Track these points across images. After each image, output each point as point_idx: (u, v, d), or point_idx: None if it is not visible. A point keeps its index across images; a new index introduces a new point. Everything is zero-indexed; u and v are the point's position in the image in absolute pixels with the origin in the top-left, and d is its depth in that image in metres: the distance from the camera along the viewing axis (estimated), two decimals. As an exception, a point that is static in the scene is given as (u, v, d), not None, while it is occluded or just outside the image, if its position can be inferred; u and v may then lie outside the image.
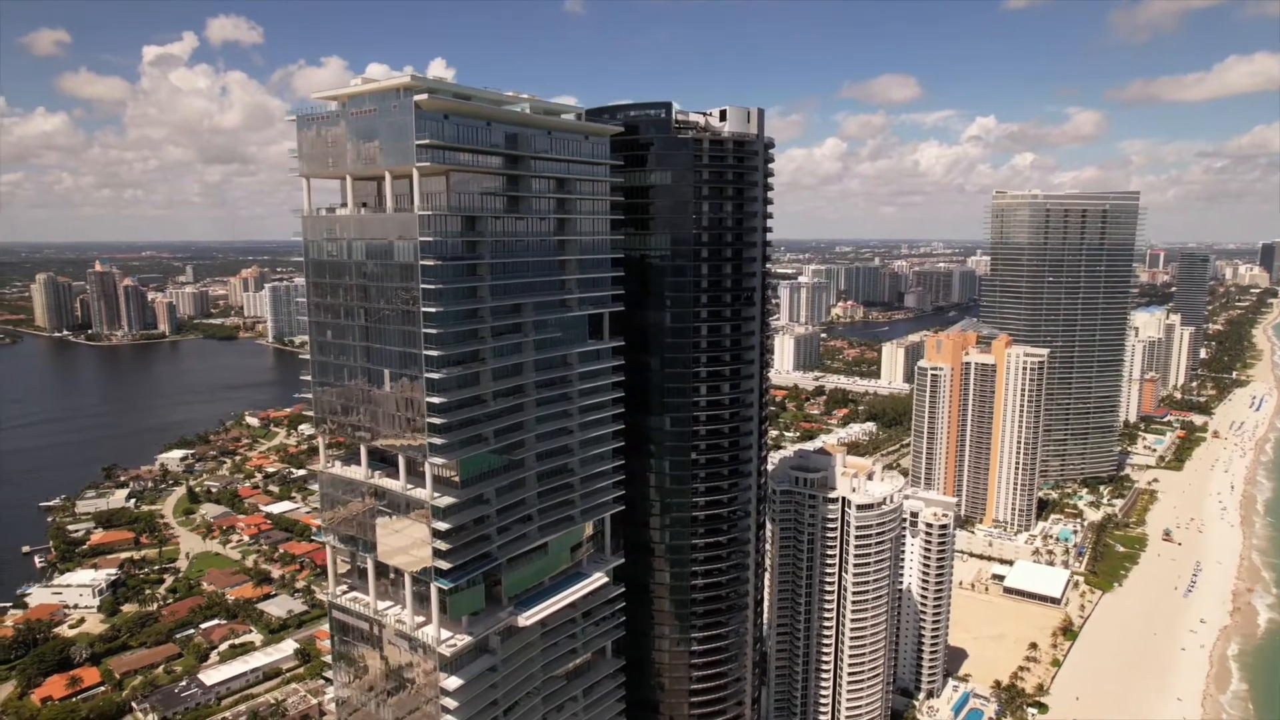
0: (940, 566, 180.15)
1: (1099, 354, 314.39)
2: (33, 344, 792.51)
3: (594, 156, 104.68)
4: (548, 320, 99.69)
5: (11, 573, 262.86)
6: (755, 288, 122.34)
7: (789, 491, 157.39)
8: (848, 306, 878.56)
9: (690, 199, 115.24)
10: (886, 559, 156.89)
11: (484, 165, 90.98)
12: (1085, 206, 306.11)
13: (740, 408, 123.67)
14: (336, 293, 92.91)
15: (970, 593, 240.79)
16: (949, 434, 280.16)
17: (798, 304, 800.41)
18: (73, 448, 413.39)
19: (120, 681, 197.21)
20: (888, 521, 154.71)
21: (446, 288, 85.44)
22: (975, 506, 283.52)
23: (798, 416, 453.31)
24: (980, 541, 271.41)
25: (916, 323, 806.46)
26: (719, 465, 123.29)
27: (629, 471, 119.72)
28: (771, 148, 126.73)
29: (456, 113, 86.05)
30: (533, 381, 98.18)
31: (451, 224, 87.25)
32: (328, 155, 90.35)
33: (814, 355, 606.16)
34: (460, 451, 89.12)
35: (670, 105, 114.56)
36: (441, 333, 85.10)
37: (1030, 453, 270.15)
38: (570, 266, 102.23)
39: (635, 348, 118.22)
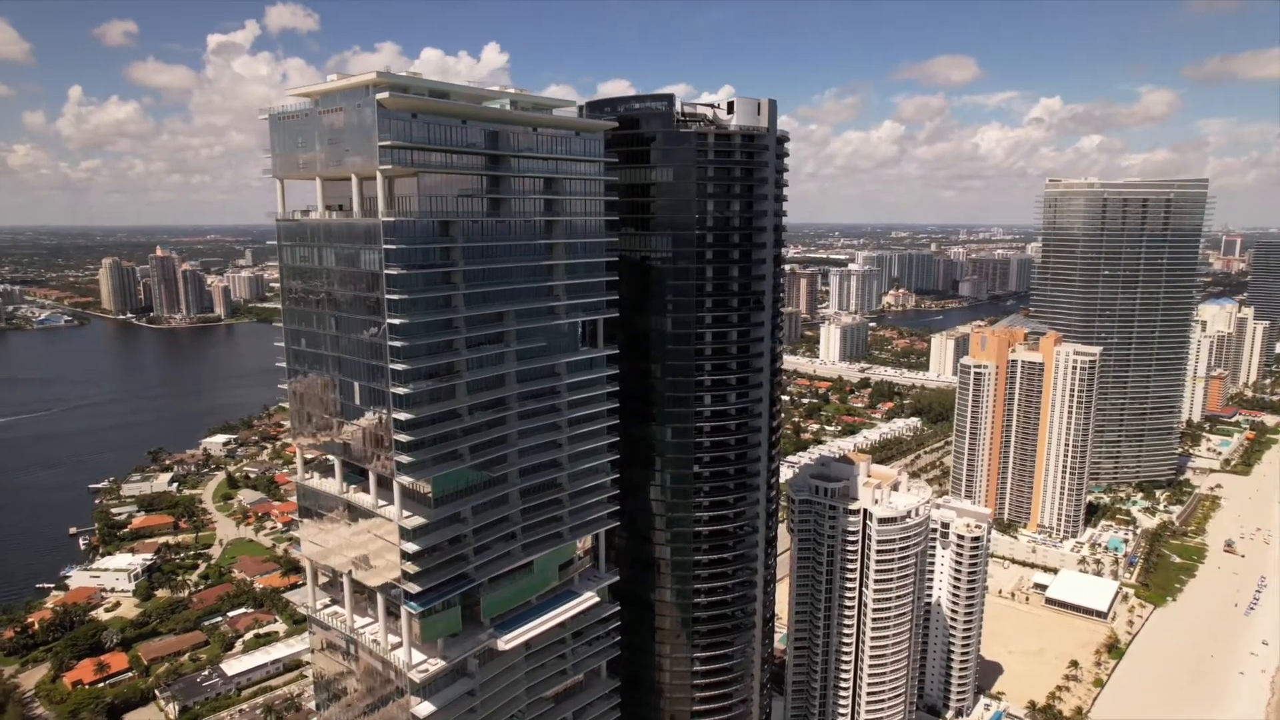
0: (972, 580, 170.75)
1: (1159, 350, 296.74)
2: (99, 326, 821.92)
3: (586, 154, 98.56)
4: (532, 329, 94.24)
5: (57, 554, 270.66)
6: (764, 291, 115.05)
7: (808, 501, 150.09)
8: (899, 295, 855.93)
9: (693, 197, 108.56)
10: (910, 574, 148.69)
11: (461, 165, 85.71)
12: (1146, 195, 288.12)
13: (748, 418, 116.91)
14: (309, 300, 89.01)
15: (1009, 603, 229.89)
16: (993, 434, 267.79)
17: (847, 292, 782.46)
18: (126, 430, 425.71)
19: (148, 668, 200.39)
20: (912, 535, 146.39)
21: (414, 298, 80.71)
22: (1019, 510, 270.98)
23: (840, 409, 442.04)
24: (1023, 547, 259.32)
25: (970, 312, 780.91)
26: (724, 478, 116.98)
27: (630, 483, 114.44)
28: (785, 141, 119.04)
29: (426, 111, 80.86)
30: (515, 394, 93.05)
31: (422, 230, 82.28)
32: (299, 156, 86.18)
33: (861, 345, 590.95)
34: (431, 470, 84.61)
35: (672, 97, 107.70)
36: (408, 345, 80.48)
37: (1079, 455, 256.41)
38: (558, 272, 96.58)
39: (636, 354, 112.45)
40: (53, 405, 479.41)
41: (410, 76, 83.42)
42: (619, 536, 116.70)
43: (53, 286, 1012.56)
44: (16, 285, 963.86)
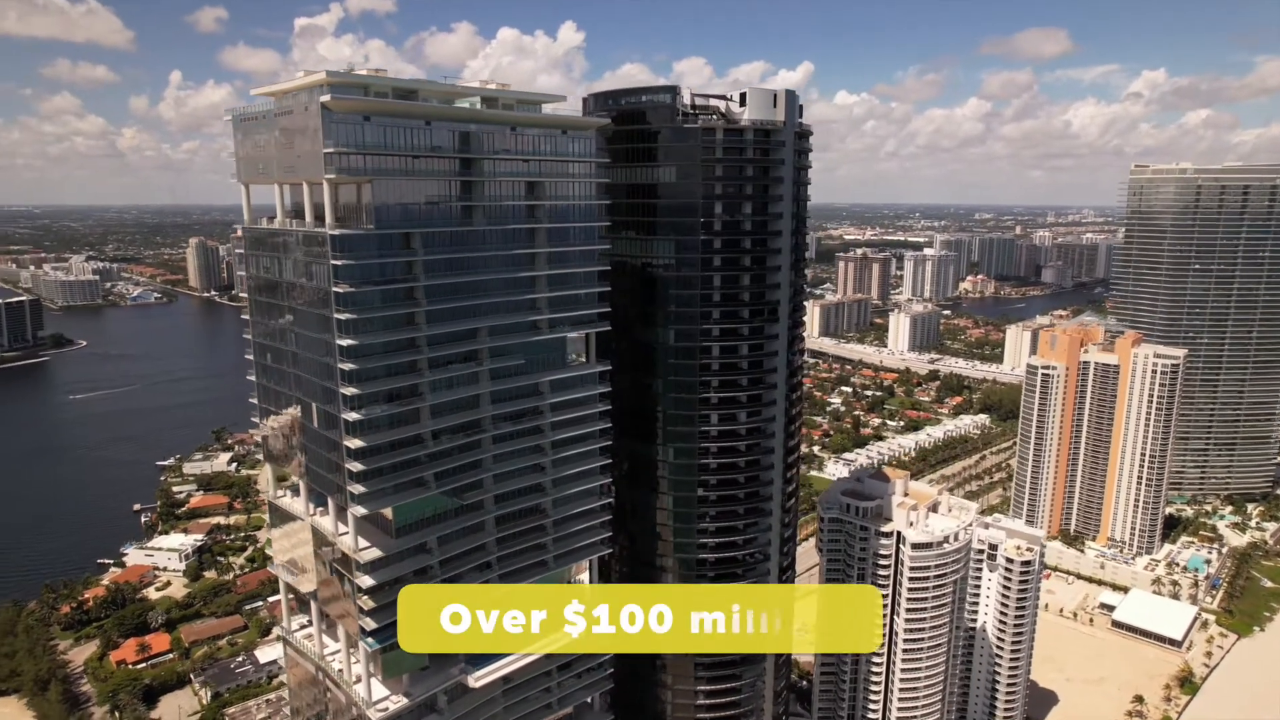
0: (1021, 606, 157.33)
1: (1256, 352, 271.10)
2: (185, 303, 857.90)
3: (576, 153, 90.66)
4: (510, 346, 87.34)
5: (121, 530, 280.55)
6: (779, 301, 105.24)
7: (838, 520, 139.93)
8: (978, 281, 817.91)
9: (698, 199, 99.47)
10: (947, 602, 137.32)
11: (425, 171, 79.02)
12: (1248, 181, 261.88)
13: (760, 438, 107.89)
14: (272, 313, 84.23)
15: (1070, 623, 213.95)
16: (1060, 439, 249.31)
17: (922, 278, 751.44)
18: (198, 407, 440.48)
19: (187, 650, 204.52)
20: (950, 562, 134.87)
21: (368, 316, 74.78)
22: (1088, 521, 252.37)
23: (905, 403, 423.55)
24: (1090, 562, 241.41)
25: (1053, 300, 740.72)
26: (733, 503, 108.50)
27: (633, 505, 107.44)
28: (808, 136, 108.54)
29: (381, 113, 74.27)
30: (490, 416, 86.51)
31: (381, 242, 76.11)
32: (259, 160, 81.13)
33: (932, 335, 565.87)
34: (391, 499, 79.09)
35: (676, 89, 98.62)
36: (360, 368, 74.73)
37: (1156, 466, 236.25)
38: (541, 283, 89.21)
39: (638, 368, 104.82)
40: (136, 381, 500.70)
41: (370, 75, 77.17)
42: (621, 561, 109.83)
43: (148, 264, 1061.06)
44: (117, 263, 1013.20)
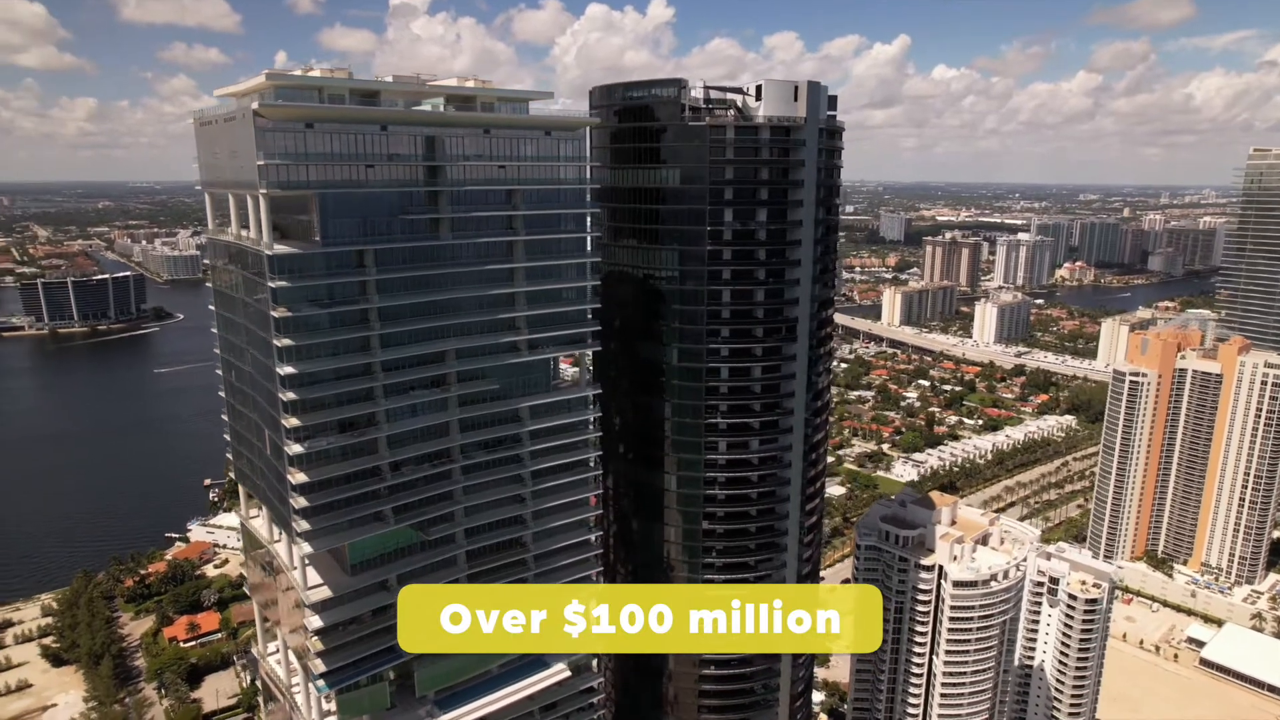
0: (1085, 649, 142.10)
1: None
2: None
3: (561, 156, 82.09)
4: (483, 369, 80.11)
5: (191, 505, 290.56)
6: (798, 318, 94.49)
7: (875, 549, 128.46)
8: (1076, 268, 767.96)
9: (705, 205, 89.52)
10: (993, 645, 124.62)
11: (384, 179, 72.04)
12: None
13: (776, 468, 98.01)
14: (231, 329, 79.50)
15: (1151, 658, 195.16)
16: (1150, 452, 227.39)
17: (1015, 263, 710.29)
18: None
19: (235, 630, 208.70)
20: (997, 602, 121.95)
21: (313, 342, 68.69)
22: (1179, 543, 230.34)
23: (985, 400, 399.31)
24: (1179, 589, 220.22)
25: (1160, 289, 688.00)
26: (743, 536, 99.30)
27: (638, 534, 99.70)
28: (839, 134, 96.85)
29: (326, 119, 67.41)
30: (459, 445, 79.63)
31: (331, 261, 69.80)
32: (213, 166, 75.95)
33: (1021, 326, 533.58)
34: (342, 535, 73.43)
35: (682, 82, 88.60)
36: (304, 398, 68.85)
37: (1262, 487, 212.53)
38: (520, 300, 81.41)
39: (640, 388, 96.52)
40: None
41: (323, 76, 70.42)
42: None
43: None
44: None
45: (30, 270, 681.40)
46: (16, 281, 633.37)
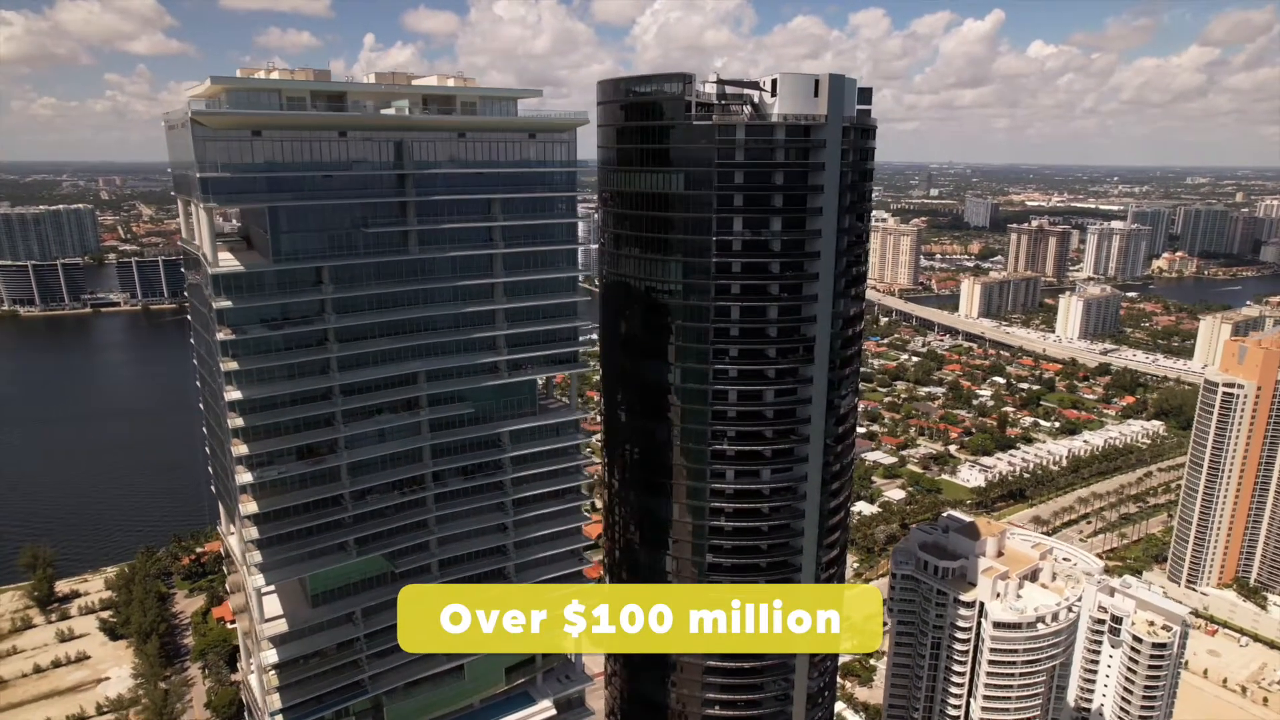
0: (1150, 698, 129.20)
1: None
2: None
3: (547, 161, 75.37)
4: (460, 391, 74.51)
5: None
6: (816, 336, 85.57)
7: (912, 579, 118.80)
8: (1177, 258, 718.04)
9: (711, 212, 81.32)
10: (1038, 691, 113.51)
11: (342, 190, 66.68)
12: None
13: (790, 500, 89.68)
14: (199, 343, 75.84)
15: (1237, 699, 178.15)
16: (1244, 471, 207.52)
17: (1106, 253, 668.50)
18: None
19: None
20: (1045, 645, 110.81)
21: (264, 366, 64.18)
22: (1275, 572, 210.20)
23: (1065, 400, 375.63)
24: (1273, 622, 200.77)
25: (1272, 283, 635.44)
26: (752, 572, 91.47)
27: (642, 564, 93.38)
28: (871, 132, 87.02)
29: (275, 126, 62.26)
30: (431, 473, 74.39)
31: (287, 279, 64.94)
32: (179, 172, 71.91)
33: (1109, 321, 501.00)
34: (300, 567, 69.29)
35: (689, 77, 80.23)
36: (254, 425, 64.52)
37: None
38: (499, 318, 75.32)
39: (642, 410, 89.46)
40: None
41: (280, 78, 65.28)
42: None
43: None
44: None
45: (131, 248, 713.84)
46: (117, 259, 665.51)
